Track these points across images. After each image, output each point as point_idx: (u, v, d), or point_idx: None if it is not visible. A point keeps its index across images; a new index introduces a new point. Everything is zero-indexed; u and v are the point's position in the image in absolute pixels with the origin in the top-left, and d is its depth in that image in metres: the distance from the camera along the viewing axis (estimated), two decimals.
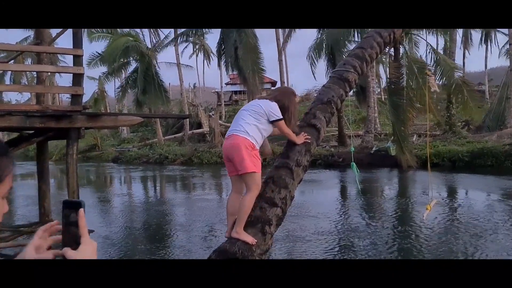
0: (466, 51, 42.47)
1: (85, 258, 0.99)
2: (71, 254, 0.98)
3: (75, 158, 6.55)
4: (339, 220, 9.90)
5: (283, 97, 3.86)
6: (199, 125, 35.46)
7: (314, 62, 26.11)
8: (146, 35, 49.69)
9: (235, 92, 55.48)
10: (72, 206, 1.03)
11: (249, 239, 3.54)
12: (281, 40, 30.58)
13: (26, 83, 37.13)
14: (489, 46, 43.00)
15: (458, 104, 19.88)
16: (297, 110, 4.02)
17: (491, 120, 25.43)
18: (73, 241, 1.00)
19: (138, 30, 32.40)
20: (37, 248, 1.03)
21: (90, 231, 7.19)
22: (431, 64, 10.68)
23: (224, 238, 3.79)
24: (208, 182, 19.16)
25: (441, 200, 11.23)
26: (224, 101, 48.25)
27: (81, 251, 0.99)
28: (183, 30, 29.17)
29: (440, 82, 11.64)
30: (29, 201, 12.65)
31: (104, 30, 30.95)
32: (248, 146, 3.59)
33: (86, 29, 26.87)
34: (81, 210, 1.02)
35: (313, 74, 29.70)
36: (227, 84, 53.85)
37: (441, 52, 22.20)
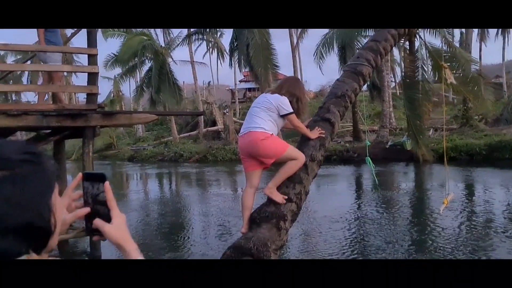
0: (483, 44, 41.78)
1: (121, 231, 0.98)
2: (109, 228, 0.97)
3: (91, 156, 6.62)
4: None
5: (294, 89, 3.85)
6: (214, 123, 35.53)
7: (323, 57, 26.12)
8: (159, 34, 49.83)
9: (249, 89, 55.34)
10: (94, 179, 0.98)
11: (279, 198, 3.61)
12: (294, 36, 30.50)
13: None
14: (506, 38, 42.18)
15: (472, 99, 19.53)
16: (306, 98, 4.04)
17: (509, 112, 24.97)
18: (101, 215, 0.98)
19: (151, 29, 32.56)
20: (66, 207, 1.02)
21: None
22: (448, 54, 10.52)
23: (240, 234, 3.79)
24: (225, 179, 19.22)
25: (458, 195, 11.08)
26: (238, 99, 48.25)
27: (116, 225, 0.98)
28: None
29: (458, 75, 11.45)
30: None
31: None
32: (268, 137, 3.63)
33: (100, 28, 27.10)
34: (107, 182, 0.98)
35: (320, 69, 29.70)
36: (241, 81, 53.81)
37: (457, 45, 21.88)
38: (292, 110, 3.74)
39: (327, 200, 11.79)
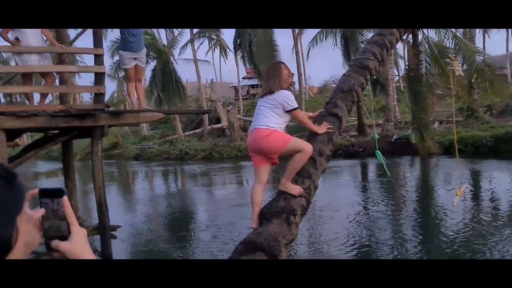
0: (486, 35, 41.50)
1: (79, 247, 0.96)
2: (66, 246, 0.95)
3: (100, 156, 6.67)
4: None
5: (283, 76, 3.87)
6: (218, 120, 35.57)
7: (316, 44, 26.89)
8: (161, 32, 49.88)
9: (253, 86, 55.28)
10: (52, 195, 0.96)
11: (296, 190, 3.66)
12: (296, 30, 30.53)
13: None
14: (510, 29, 41.82)
15: (480, 90, 19.43)
16: (291, 76, 4.07)
17: None
18: (60, 232, 0.96)
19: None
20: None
21: (117, 226, 7.20)
22: (452, 48, 10.47)
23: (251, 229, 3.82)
24: (231, 176, 19.28)
25: (469, 186, 11.08)
26: (242, 95, 48.21)
27: (75, 241, 0.97)
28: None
29: (463, 67, 11.44)
30: None
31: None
32: (271, 133, 3.69)
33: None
34: (65, 197, 0.96)
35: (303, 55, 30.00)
36: (244, 78, 53.76)
37: (461, 37, 21.75)
38: (296, 106, 3.78)
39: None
